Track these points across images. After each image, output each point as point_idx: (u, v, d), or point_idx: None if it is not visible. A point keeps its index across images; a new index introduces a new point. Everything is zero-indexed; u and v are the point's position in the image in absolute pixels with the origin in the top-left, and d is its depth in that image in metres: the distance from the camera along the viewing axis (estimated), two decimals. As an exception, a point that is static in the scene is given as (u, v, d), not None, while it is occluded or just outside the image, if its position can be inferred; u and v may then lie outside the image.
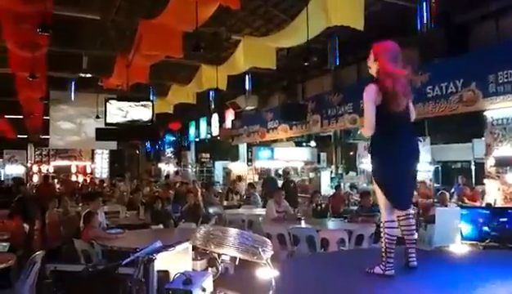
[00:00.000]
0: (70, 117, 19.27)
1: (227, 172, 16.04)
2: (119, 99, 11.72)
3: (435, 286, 2.76)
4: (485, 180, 7.95)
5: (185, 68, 15.27)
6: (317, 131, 12.73)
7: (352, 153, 14.09)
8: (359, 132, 13.66)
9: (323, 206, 7.09)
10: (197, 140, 21.91)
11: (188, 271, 2.49)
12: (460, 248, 3.69)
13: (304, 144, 15.40)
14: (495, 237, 3.70)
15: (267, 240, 2.69)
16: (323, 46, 12.61)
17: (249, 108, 15.97)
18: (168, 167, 21.77)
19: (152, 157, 27.55)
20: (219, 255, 2.75)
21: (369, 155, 3.43)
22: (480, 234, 3.76)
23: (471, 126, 9.73)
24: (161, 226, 6.48)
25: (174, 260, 2.54)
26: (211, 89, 15.05)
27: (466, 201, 7.82)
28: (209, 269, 2.97)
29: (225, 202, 9.96)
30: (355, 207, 8.76)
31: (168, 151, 26.04)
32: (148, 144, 27.51)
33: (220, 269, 2.82)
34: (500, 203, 7.54)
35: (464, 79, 8.30)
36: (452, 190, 8.93)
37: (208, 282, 2.40)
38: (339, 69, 12.38)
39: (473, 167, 9.63)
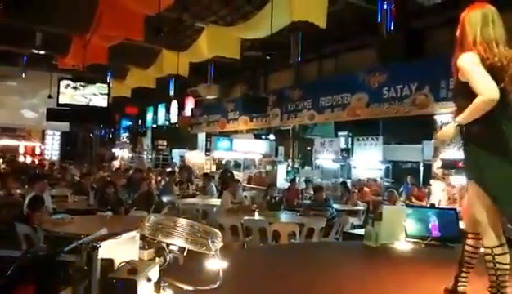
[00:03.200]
0: (20, 94, 18.31)
1: (183, 161, 15.85)
2: (74, 79, 11.24)
3: (377, 280, 2.85)
4: (431, 181, 8.33)
5: (145, 51, 14.84)
6: (277, 124, 12.84)
7: (308, 149, 14.33)
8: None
9: (277, 199, 7.18)
10: (154, 126, 21.49)
11: (134, 260, 2.43)
12: (404, 245, 3.83)
13: (263, 136, 15.49)
14: (436, 236, 3.89)
15: (218, 232, 2.68)
16: (287, 41, 12.69)
17: (210, 97, 15.83)
18: (122, 153, 21.22)
19: (107, 141, 26.75)
20: (168, 245, 2.71)
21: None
22: (423, 233, 3.93)
23: (422, 128, 10.15)
24: (110, 213, 6.31)
25: (120, 249, 2.48)
26: (172, 75, 14.77)
27: (413, 200, 8.17)
28: (157, 258, 2.92)
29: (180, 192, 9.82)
30: (308, 201, 8.95)
31: (124, 136, 25.37)
32: (103, 128, 26.66)
33: (168, 259, 2.78)
34: (444, 204, 7.93)
35: (419, 83, 8.63)
36: (401, 189, 9.30)
37: (154, 272, 2.35)
38: (300, 64, 12.50)
39: (421, 168, 10.07)
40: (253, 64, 14.09)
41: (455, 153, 7.96)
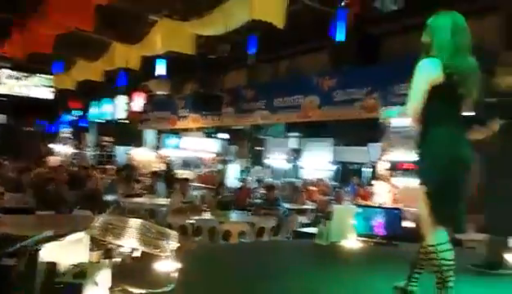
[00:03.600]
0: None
1: (129, 158, 15.32)
2: (15, 68, 10.49)
3: (329, 278, 2.88)
4: (376, 182, 8.61)
5: (94, 43, 14.23)
6: (230, 124, 12.77)
7: (258, 149, 14.38)
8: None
9: (228, 198, 7.10)
10: (99, 121, 20.61)
11: (83, 263, 2.28)
12: (353, 244, 3.92)
13: (213, 135, 15.34)
14: (383, 234, 4.01)
15: (173, 232, 2.59)
16: (242, 40, 12.65)
17: (160, 92, 15.44)
18: (65, 149, 20.16)
19: (47, 136, 25.29)
20: (118, 246, 2.56)
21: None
22: (371, 232, 4.04)
23: (369, 131, 10.49)
24: (52, 212, 5.94)
25: (67, 251, 2.31)
26: (122, 68, 14.23)
27: (360, 200, 8.40)
28: (106, 260, 2.77)
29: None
30: (259, 200, 8.96)
31: (66, 131, 24.12)
32: (44, 122, 25.20)
33: (117, 261, 2.63)
34: (388, 204, 8.23)
35: (369, 88, 8.90)
36: (348, 189, 9.55)
37: (103, 276, 2.22)
38: (256, 65, 12.52)
39: (368, 169, 10.40)
40: (208, 61, 13.92)
41: (401, 155, 8.29)
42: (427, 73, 2.33)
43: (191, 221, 5.46)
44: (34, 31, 10.31)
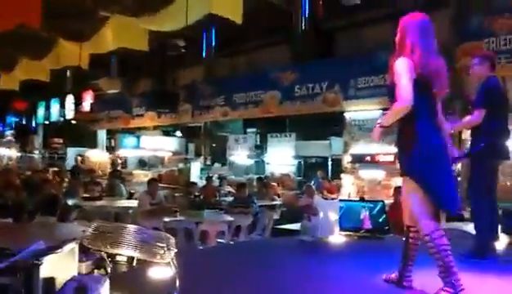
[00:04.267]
0: None
1: (83, 160, 14.62)
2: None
3: (322, 274, 2.86)
4: (342, 175, 8.80)
5: (39, 40, 13.41)
6: (188, 121, 12.52)
7: (217, 145, 14.22)
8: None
9: (201, 197, 6.94)
10: (47, 122, 19.55)
11: (79, 276, 2.10)
12: (338, 239, 3.93)
13: (172, 133, 15.00)
14: (368, 228, 4.05)
15: (171, 237, 2.45)
16: (197, 36, 12.41)
17: (112, 91, 14.85)
18: (9, 152, 18.90)
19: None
20: (112, 255, 2.39)
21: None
22: (356, 225, 4.06)
23: (328, 125, 10.69)
24: (10, 220, 5.51)
25: (59, 264, 2.12)
26: (68, 67, 13.54)
27: (325, 193, 8.54)
28: (95, 271, 2.58)
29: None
30: (226, 198, 8.85)
31: (9, 134, 22.66)
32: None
33: (109, 270, 2.46)
34: (353, 196, 8.43)
35: (329, 82, 9.05)
36: (312, 183, 9.65)
37: (105, 288, 2.05)
38: (212, 60, 12.35)
39: (330, 163, 10.61)
40: (161, 57, 13.56)
41: (363, 148, 8.52)
42: (407, 67, 2.43)
43: (164, 223, 5.26)
44: (-28, 27, 9.50)
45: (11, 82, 15.21)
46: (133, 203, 7.21)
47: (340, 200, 4.96)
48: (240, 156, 11.87)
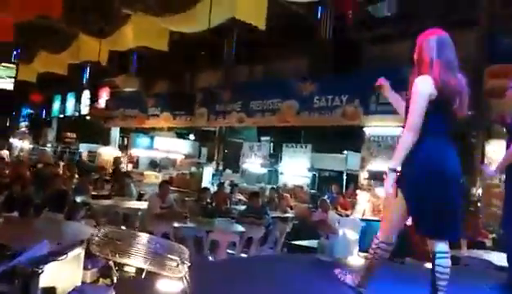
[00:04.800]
0: None
1: (95, 157, 14.54)
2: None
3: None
4: (357, 191, 8.53)
5: (58, 33, 13.43)
6: (203, 125, 12.37)
7: (230, 151, 14.05)
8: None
9: (213, 204, 6.72)
10: (61, 116, 19.59)
11: (83, 286, 1.91)
12: (358, 260, 3.68)
13: (186, 136, 14.87)
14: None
15: (185, 249, 2.24)
16: (218, 40, 12.29)
17: (129, 89, 14.79)
18: (22, 144, 18.97)
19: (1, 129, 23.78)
20: (120, 264, 2.19)
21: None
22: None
23: (345, 139, 10.44)
24: (16, 214, 5.38)
25: (62, 271, 1.93)
26: (89, 62, 13.52)
27: (339, 209, 8.28)
28: (101, 280, 2.39)
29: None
30: (237, 206, 8.64)
31: (23, 125, 22.77)
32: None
33: (115, 281, 2.26)
34: (368, 214, 8.15)
35: (349, 95, 8.81)
36: (326, 197, 9.39)
37: (111, 304, 1.86)
38: (231, 65, 12.21)
39: (344, 177, 10.34)
40: (181, 59, 13.46)
41: (382, 165, 8.24)
42: (425, 90, 2.40)
43: (174, 229, 5.06)
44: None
45: (29, 74, 15.28)
46: (143, 205, 7.04)
47: (362, 219, 4.70)
48: (254, 164, 11.66)
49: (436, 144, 2.42)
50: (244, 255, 5.20)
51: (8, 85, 9.97)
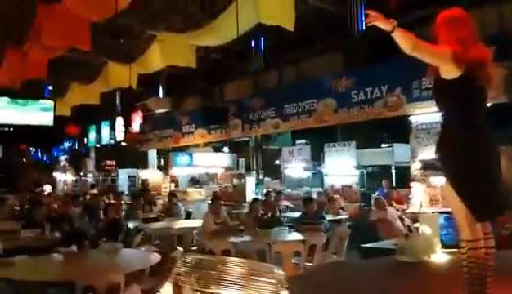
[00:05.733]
0: None
1: (143, 181, 14.64)
2: (12, 96, 9.87)
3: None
4: (411, 184, 8.13)
5: (87, 64, 13.72)
6: (238, 135, 12.22)
7: (267, 159, 13.87)
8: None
9: (269, 215, 6.52)
10: (98, 145, 20.00)
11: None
12: (442, 257, 3.39)
13: (225, 149, 14.80)
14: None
15: (279, 270, 2.03)
16: (243, 49, 12.21)
17: (161, 110, 14.89)
18: (64, 177, 19.44)
19: (42, 165, 24.53)
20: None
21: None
22: (457, 241, 3.50)
23: (390, 131, 10.04)
24: (74, 248, 5.34)
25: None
26: (120, 88, 13.71)
27: (395, 204, 7.91)
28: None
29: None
30: (287, 214, 8.42)
31: (63, 159, 23.40)
32: (37, 151, 24.49)
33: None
34: (425, 206, 7.74)
35: (390, 85, 8.45)
36: (376, 194, 9.03)
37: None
38: (259, 72, 12.08)
39: (393, 171, 9.92)
40: (208, 73, 13.47)
41: (433, 153, 7.84)
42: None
43: (233, 244, 4.89)
44: (28, 56, 9.74)
45: (63, 108, 15.66)
46: (194, 223, 6.93)
47: (440, 212, 4.38)
48: (295, 168, 11.41)
49: (474, 125, 2.40)
50: (308, 263, 4.99)
51: (48, 121, 10.14)
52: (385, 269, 3.26)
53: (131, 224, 6.95)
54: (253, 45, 11.67)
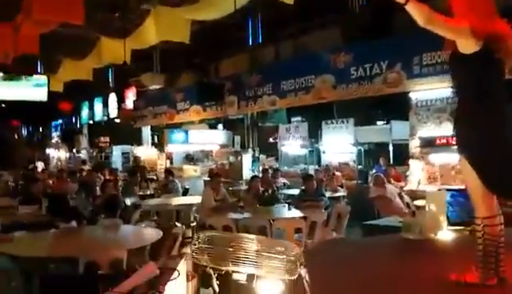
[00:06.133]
0: None
1: (135, 158, 14.54)
2: (4, 73, 9.61)
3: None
4: (410, 161, 8.14)
5: (80, 39, 13.37)
6: (234, 113, 12.13)
7: (263, 137, 13.80)
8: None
9: (269, 192, 6.50)
10: (91, 122, 19.77)
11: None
12: (448, 235, 3.38)
13: (219, 126, 14.69)
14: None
15: (296, 247, 2.00)
16: (238, 24, 11.93)
17: (155, 87, 14.66)
18: (58, 153, 19.26)
19: (35, 142, 24.29)
20: (217, 270, 1.97)
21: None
22: (464, 218, 3.50)
23: (388, 108, 9.99)
24: (74, 224, 5.29)
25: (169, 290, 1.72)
26: (114, 64, 13.44)
27: (393, 181, 7.92)
28: (201, 290, 2.17)
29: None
30: (284, 191, 8.42)
31: (55, 135, 23.16)
32: (33, 127, 24.17)
33: (217, 289, 2.05)
34: (423, 183, 7.78)
35: (389, 60, 8.35)
36: (374, 171, 9.04)
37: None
38: (256, 48, 11.85)
39: (391, 149, 9.91)
40: (203, 49, 13.20)
41: (433, 130, 7.83)
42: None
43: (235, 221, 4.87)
44: (20, 31, 9.46)
45: (55, 84, 15.36)
46: (192, 200, 6.90)
47: (447, 189, 4.37)
48: (292, 146, 11.36)
49: (495, 102, 2.30)
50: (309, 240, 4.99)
51: (42, 97, 9.94)
52: (391, 246, 3.25)
53: (128, 201, 6.90)
54: (249, 19, 11.41)
